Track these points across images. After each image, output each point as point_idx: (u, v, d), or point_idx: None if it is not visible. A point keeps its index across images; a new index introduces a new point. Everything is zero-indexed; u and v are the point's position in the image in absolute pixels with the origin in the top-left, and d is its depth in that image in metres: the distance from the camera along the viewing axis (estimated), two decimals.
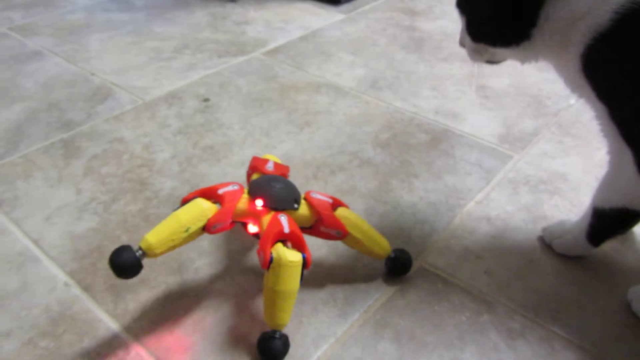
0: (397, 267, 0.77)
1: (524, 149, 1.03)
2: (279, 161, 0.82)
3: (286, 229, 0.65)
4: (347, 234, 0.71)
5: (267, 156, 0.82)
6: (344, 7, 1.66)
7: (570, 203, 0.91)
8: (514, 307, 0.73)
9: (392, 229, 0.85)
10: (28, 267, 0.79)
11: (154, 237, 0.63)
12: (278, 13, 1.61)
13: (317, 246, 0.81)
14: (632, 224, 0.78)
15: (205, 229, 0.66)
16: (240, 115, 1.13)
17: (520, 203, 0.91)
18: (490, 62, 0.74)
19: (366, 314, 0.72)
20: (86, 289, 0.75)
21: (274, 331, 0.65)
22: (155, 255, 0.64)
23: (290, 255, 0.62)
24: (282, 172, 0.79)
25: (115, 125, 1.10)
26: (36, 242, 0.83)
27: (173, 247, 0.65)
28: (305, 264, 0.64)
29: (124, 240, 0.83)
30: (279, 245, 0.64)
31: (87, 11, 1.61)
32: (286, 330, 0.67)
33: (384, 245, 0.75)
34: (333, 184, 0.94)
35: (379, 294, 0.75)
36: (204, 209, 0.66)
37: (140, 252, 0.63)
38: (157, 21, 1.55)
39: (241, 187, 0.70)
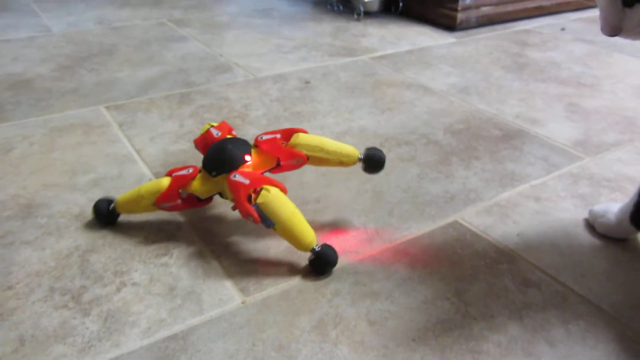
0: (372, 163, 0.79)
1: (597, 154, 1.03)
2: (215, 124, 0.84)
3: (246, 182, 0.69)
4: (307, 158, 0.77)
5: (205, 126, 0.85)
6: (459, 33, 1.75)
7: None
8: (537, 264, 0.74)
9: (438, 192, 0.90)
10: (127, 165, 0.96)
11: (122, 198, 0.78)
12: (394, 32, 1.74)
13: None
14: None
15: (156, 204, 0.75)
16: (332, 96, 1.25)
17: (576, 192, 0.91)
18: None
19: (391, 243, 0.78)
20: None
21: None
22: (121, 212, 0.79)
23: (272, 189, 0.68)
24: (228, 131, 0.82)
25: (225, 89, 1.28)
26: (138, 151, 1.00)
27: (132, 211, 0.78)
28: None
29: None
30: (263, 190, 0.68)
31: (232, 16, 1.88)
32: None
33: (350, 153, 0.78)
34: (395, 152, 1.02)
35: (408, 232, 0.80)
36: (160, 187, 0.74)
37: (113, 205, 0.78)
38: (287, 27, 1.76)
39: (195, 169, 0.75)
